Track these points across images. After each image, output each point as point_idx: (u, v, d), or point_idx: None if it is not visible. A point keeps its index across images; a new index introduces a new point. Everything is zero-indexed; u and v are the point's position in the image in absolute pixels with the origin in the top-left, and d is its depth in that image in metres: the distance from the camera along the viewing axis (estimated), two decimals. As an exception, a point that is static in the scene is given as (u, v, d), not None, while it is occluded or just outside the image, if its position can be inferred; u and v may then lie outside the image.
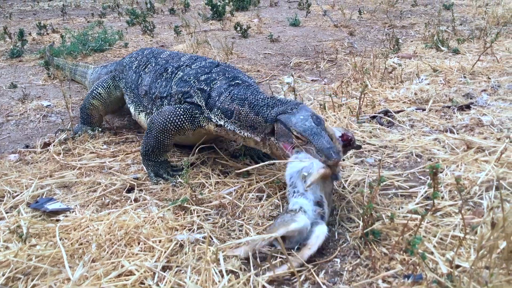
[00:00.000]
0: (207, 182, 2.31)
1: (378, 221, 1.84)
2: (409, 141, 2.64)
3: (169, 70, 2.63)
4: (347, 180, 2.22)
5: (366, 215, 1.72)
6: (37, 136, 3.09)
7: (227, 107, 2.24)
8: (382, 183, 1.88)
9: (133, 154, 2.70)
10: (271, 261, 1.63)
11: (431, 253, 1.65)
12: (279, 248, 1.69)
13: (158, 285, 1.58)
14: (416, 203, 2.01)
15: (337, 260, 1.69)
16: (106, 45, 5.50)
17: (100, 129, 3.01)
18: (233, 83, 2.34)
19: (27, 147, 2.89)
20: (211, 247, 1.72)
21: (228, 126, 2.23)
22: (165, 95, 2.56)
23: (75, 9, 9.69)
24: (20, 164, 2.63)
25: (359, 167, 2.38)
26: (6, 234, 1.84)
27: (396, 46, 4.81)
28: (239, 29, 6.13)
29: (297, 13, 7.53)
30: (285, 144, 1.99)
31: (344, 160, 2.08)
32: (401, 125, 2.90)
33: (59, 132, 3.03)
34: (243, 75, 2.50)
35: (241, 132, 2.20)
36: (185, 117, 2.32)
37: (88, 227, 1.92)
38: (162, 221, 1.94)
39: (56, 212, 2.06)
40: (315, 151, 1.84)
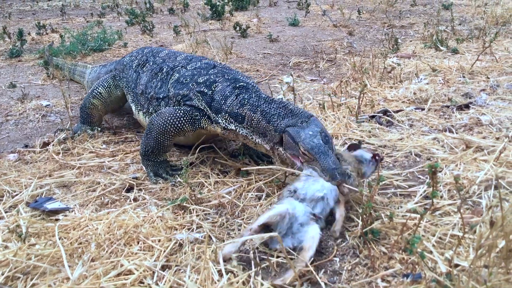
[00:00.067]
0: (206, 182, 2.32)
1: (377, 220, 1.84)
2: (408, 141, 2.64)
3: (164, 70, 2.63)
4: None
5: (365, 214, 1.72)
6: (36, 135, 3.09)
7: (236, 111, 2.23)
8: (381, 183, 1.88)
9: (132, 153, 2.70)
10: (272, 262, 1.63)
11: (430, 252, 1.66)
12: (277, 247, 1.69)
13: (157, 284, 1.58)
14: (415, 202, 2.01)
15: (336, 259, 1.69)
16: (105, 45, 5.50)
17: (99, 128, 3.01)
18: (238, 85, 2.33)
19: (26, 146, 2.89)
20: (210, 246, 1.72)
21: (241, 131, 2.23)
22: (161, 97, 2.56)
23: (74, 9, 9.68)
24: (19, 163, 2.63)
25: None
26: (6, 234, 1.85)
27: (395, 46, 4.81)
28: (238, 29, 6.13)
29: (296, 13, 7.53)
30: (294, 156, 1.99)
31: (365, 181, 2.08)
32: (400, 125, 2.90)
33: (58, 132, 3.03)
34: (242, 75, 2.49)
35: (253, 138, 2.20)
36: (185, 119, 2.32)
37: (88, 226, 1.92)
38: (161, 220, 1.94)
39: (55, 212, 2.06)
40: (320, 170, 1.84)
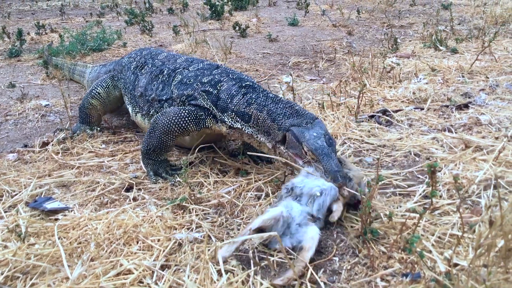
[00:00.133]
0: (206, 181, 2.32)
1: (377, 220, 1.85)
2: (407, 140, 2.64)
3: (165, 72, 2.63)
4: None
5: (365, 214, 1.72)
6: (36, 135, 3.09)
7: (243, 110, 2.23)
8: (380, 182, 1.88)
9: (132, 153, 2.70)
10: (272, 262, 1.63)
11: (429, 251, 1.66)
12: (277, 246, 1.70)
13: (156, 284, 1.58)
14: (415, 201, 2.01)
15: (335, 259, 1.69)
16: (104, 44, 5.50)
17: (98, 128, 3.01)
18: (244, 84, 2.33)
19: (25, 146, 2.89)
20: (209, 246, 1.72)
21: (247, 130, 2.24)
22: (164, 99, 2.56)
23: (73, 9, 9.68)
24: (19, 163, 2.63)
25: (357, 166, 2.38)
26: (5, 233, 1.85)
27: (395, 46, 4.81)
28: (237, 28, 6.13)
29: (295, 12, 7.54)
30: (296, 155, 2.00)
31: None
32: (400, 124, 2.90)
33: (57, 132, 3.03)
34: (246, 76, 2.50)
35: (257, 136, 2.21)
36: (189, 119, 2.32)
37: (87, 226, 1.92)
38: (160, 220, 1.94)
39: (54, 211, 2.06)
40: (323, 171, 1.85)
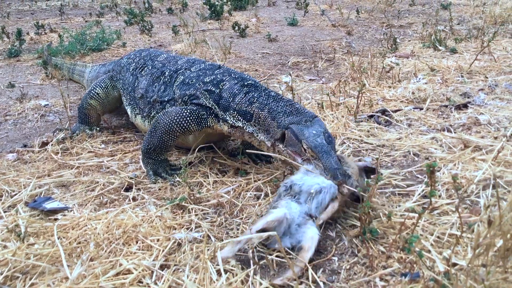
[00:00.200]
0: (205, 181, 2.32)
1: (376, 220, 1.85)
2: (406, 140, 2.65)
3: (167, 73, 2.63)
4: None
5: (364, 213, 1.72)
6: (35, 135, 3.09)
7: (245, 109, 2.23)
8: (379, 182, 1.88)
9: (131, 153, 2.70)
10: (271, 262, 1.63)
11: (428, 251, 1.66)
12: (276, 246, 1.70)
13: (156, 283, 1.58)
14: (414, 201, 2.01)
15: (334, 258, 1.69)
16: (104, 44, 5.50)
17: (98, 128, 3.01)
18: (246, 83, 2.33)
19: (25, 146, 2.89)
20: (209, 245, 1.72)
21: (248, 129, 2.23)
22: (166, 100, 2.56)
23: (73, 9, 9.68)
24: (18, 163, 2.63)
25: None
26: (4, 233, 1.85)
27: (394, 46, 4.81)
28: (237, 28, 6.13)
29: (295, 12, 7.54)
30: (295, 153, 2.00)
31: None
32: (399, 124, 2.90)
33: (57, 132, 3.03)
34: (247, 76, 2.50)
35: (258, 135, 2.21)
36: (191, 118, 2.32)
37: (86, 226, 1.92)
38: (160, 220, 1.95)
39: (54, 211, 2.06)
40: (323, 169, 1.85)
